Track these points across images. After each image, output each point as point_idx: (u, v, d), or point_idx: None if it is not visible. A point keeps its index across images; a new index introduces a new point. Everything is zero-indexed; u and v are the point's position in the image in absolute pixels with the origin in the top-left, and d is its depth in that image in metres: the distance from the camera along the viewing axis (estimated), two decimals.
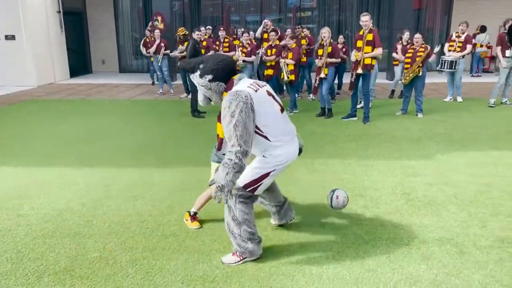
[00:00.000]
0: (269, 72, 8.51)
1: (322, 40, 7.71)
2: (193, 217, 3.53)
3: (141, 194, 4.20)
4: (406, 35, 9.39)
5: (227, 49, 9.31)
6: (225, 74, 2.76)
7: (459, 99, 9.25)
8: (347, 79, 7.73)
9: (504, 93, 8.73)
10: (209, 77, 2.74)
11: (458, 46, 8.90)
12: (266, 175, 2.80)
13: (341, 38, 9.51)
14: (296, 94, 9.24)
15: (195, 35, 8.24)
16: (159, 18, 12.47)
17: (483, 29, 13.31)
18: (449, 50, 9.06)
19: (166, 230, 3.44)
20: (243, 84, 2.75)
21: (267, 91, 2.83)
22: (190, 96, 8.70)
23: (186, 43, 8.80)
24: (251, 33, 9.96)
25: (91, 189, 4.36)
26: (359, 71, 7.06)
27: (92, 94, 11.16)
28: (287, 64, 7.92)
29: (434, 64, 8.50)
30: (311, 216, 3.65)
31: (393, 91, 10.09)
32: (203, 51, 9.23)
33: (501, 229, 3.36)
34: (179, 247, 3.15)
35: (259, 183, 2.81)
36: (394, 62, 9.96)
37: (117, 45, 16.16)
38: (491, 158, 5.24)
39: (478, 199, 3.97)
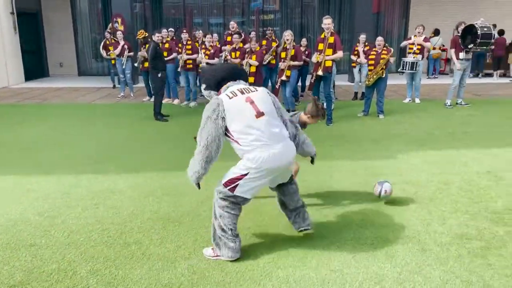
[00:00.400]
0: None
1: (285, 43, 7.77)
2: None
3: (102, 202, 4.06)
4: (362, 38, 9.66)
5: (190, 52, 9.19)
6: (215, 83, 3.04)
7: (417, 100, 9.56)
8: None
9: (459, 94, 9.09)
10: (204, 86, 3.11)
11: (418, 49, 9.24)
12: (240, 177, 2.85)
13: (303, 41, 9.63)
14: None
15: (155, 37, 8.11)
16: (119, 20, 12.18)
17: (436, 32, 13.84)
18: (409, 53, 9.38)
19: (129, 238, 3.34)
20: (226, 91, 2.94)
21: (247, 97, 2.87)
22: (152, 99, 8.54)
23: (147, 46, 8.63)
24: (215, 35, 9.90)
25: (49, 197, 4.17)
26: (319, 72, 7.16)
27: (49, 98, 10.74)
28: (250, 65, 7.92)
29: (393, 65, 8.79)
30: (276, 219, 3.63)
31: (356, 93, 10.30)
32: (165, 53, 9.10)
33: (459, 226, 3.48)
34: (142, 255, 3.06)
35: (235, 183, 2.87)
36: (353, 64, 10.21)
37: (76, 47, 15.64)
38: (448, 156, 5.43)
39: (437, 197, 4.10)
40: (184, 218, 3.69)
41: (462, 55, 8.67)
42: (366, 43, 9.70)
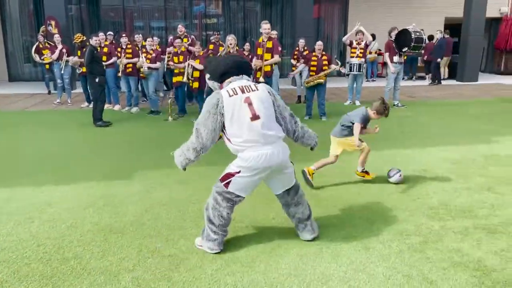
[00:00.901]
0: (178, 79, 8.34)
1: (229, 47, 7.76)
2: (366, 172, 4.67)
3: (38, 215, 3.80)
4: (301, 42, 9.92)
5: (130, 56, 8.92)
6: (217, 75, 3.08)
7: (358, 102, 9.93)
8: None
9: (395, 96, 9.55)
10: (208, 75, 3.20)
11: (360, 52, 9.62)
12: (233, 174, 3.00)
13: (247, 46, 9.68)
14: None
15: (93, 41, 7.79)
16: (53, 23, 11.58)
17: (372, 37, 14.49)
18: (352, 57, 9.74)
19: (68, 252, 3.15)
20: (228, 86, 2.99)
21: (246, 97, 2.92)
22: (91, 105, 8.19)
23: (84, 50, 8.27)
24: (155, 38, 9.69)
25: None
26: (261, 79, 7.23)
27: None
28: (193, 70, 7.85)
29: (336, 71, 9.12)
30: None
31: (299, 96, 10.51)
32: (104, 57, 8.79)
33: (399, 222, 3.63)
34: (82, 271, 2.89)
35: (229, 179, 3.01)
36: (293, 68, 10.44)
37: (5, 51, 14.65)
38: (387, 156, 5.68)
39: (379, 196, 4.25)
40: (127, 228, 3.55)
41: (396, 58, 9.14)
42: (305, 48, 9.97)
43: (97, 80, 7.54)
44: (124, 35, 9.35)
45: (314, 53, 8.38)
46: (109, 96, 9.48)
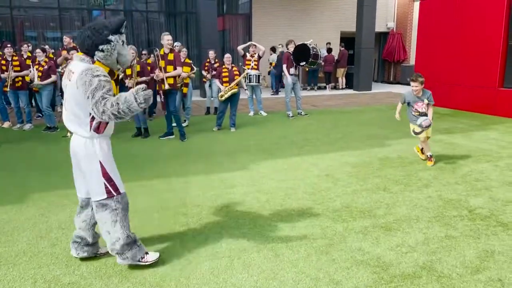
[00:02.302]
0: None
1: None
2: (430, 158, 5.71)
3: None
4: (211, 54, 10.00)
5: (18, 69, 8.15)
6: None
7: (264, 113, 10.20)
8: None
9: (298, 106, 9.99)
10: None
11: (255, 64, 9.88)
12: None
13: (152, 57, 9.47)
14: None
15: None
16: None
17: (273, 49, 15.08)
18: (247, 68, 9.98)
19: None
20: (69, 65, 2.91)
21: (65, 85, 2.87)
22: None
23: None
24: (49, 50, 9.01)
25: None
26: (167, 86, 7.09)
27: None
28: None
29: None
30: None
31: (208, 108, 10.50)
32: None
33: (306, 227, 3.76)
34: None
35: None
36: (203, 80, 10.44)
37: None
38: (293, 163, 5.88)
39: (286, 202, 4.38)
40: (20, 258, 3.21)
41: (292, 70, 9.58)
42: (216, 60, 10.03)
43: None
44: (9, 45, 8.53)
45: (224, 66, 8.49)
46: None
